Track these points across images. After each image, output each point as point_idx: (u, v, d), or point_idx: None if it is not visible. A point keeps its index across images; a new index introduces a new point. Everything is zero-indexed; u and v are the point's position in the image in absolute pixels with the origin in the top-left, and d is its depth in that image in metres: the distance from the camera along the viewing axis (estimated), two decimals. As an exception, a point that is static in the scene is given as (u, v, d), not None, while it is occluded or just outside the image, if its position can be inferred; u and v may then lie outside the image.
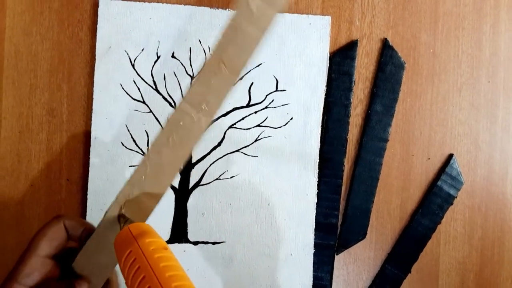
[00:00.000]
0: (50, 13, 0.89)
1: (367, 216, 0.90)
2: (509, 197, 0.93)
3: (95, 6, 0.87)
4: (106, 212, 0.63)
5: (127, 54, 0.87)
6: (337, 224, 0.89)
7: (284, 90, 0.89)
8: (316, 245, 0.88)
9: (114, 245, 0.58)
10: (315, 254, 0.89)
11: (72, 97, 0.88)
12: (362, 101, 0.91)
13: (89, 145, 0.86)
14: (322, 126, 0.89)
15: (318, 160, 0.88)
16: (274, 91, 0.89)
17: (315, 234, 0.88)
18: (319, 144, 0.89)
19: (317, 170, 0.89)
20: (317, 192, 0.89)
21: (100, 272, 0.63)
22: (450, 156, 0.92)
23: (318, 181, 0.89)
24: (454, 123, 0.93)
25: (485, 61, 0.93)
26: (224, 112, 0.88)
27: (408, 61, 0.92)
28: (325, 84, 0.89)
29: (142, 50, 0.87)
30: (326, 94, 0.89)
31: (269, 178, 0.89)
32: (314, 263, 0.88)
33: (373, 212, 0.90)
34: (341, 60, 0.89)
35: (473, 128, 0.93)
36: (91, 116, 0.87)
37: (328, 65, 0.89)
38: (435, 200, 0.91)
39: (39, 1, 0.89)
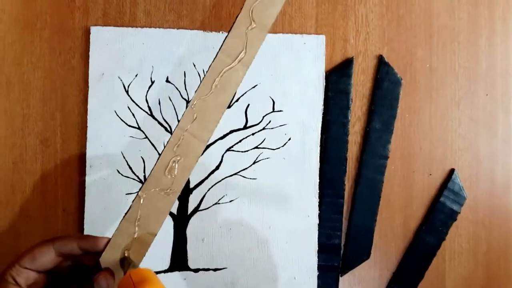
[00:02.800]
0: (41, 42, 0.88)
1: (370, 235, 0.89)
2: None
3: (87, 33, 0.87)
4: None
5: (121, 80, 0.87)
6: (340, 245, 0.89)
7: (281, 111, 0.89)
8: (319, 267, 0.88)
9: None
10: (319, 277, 0.87)
11: (66, 126, 0.88)
12: (360, 119, 0.90)
13: (85, 174, 0.85)
14: (320, 146, 0.88)
15: (318, 180, 0.88)
16: (271, 112, 0.88)
17: (318, 256, 0.88)
18: (319, 163, 0.88)
19: (318, 190, 0.88)
20: (319, 213, 0.88)
21: None
22: (452, 171, 0.91)
23: (319, 202, 0.88)
24: (454, 138, 0.93)
25: (482, 74, 0.93)
26: (221, 135, 0.88)
27: (405, 77, 0.92)
28: (322, 103, 0.88)
29: (136, 75, 0.87)
30: (323, 113, 0.89)
31: (269, 201, 0.88)
32: (318, 286, 0.87)
33: (376, 230, 0.90)
34: (337, 78, 0.88)
35: (473, 142, 0.93)
36: (86, 145, 0.86)
37: (324, 84, 0.88)
38: (438, 216, 0.90)
39: (29, 30, 0.88)
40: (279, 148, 0.88)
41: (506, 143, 0.93)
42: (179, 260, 0.87)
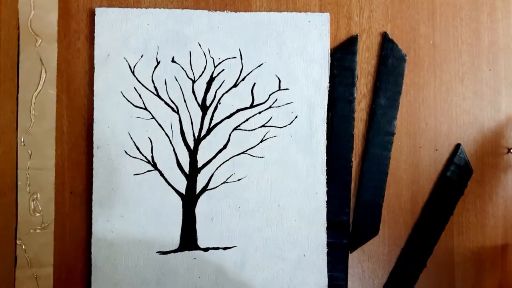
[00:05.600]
0: None
1: (378, 211, 0.89)
2: None
3: (92, 15, 0.87)
4: None
5: (127, 61, 0.87)
6: (349, 222, 0.89)
7: (287, 89, 0.89)
8: (329, 244, 0.88)
9: None
10: (328, 254, 0.88)
11: (72, 108, 0.88)
12: (366, 96, 0.91)
13: (92, 156, 0.86)
14: (327, 123, 0.89)
15: (325, 158, 0.88)
16: (277, 91, 0.88)
17: (327, 233, 0.88)
18: (326, 141, 0.88)
19: (325, 168, 0.88)
20: (327, 190, 0.88)
21: None
22: (458, 146, 0.91)
23: (327, 179, 0.88)
24: (459, 113, 0.93)
25: (485, 49, 0.94)
26: (228, 114, 0.88)
27: (409, 54, 0.92)
28: (328, 80, 0.89)
29: (142, 56, 0.87)
30: (329, 91, 0.89)
31: (277, 179, 0.88)
32: (328, 262, 0.88)
33: (384, 207, 0.90)
34: (342, 55, 0.89)
35: (478, 117, 0.93)
36: (92, 126, 0.86)
37: (329, 61, 0.89)
38: (445, 191, 0.90)
39: None
40: (286, 126, 0.88)
41: (509, 116, 0.94)
42: (188, 240, 0.87)
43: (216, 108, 0.88)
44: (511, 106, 0.94)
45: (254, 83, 0.88)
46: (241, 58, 0.88)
